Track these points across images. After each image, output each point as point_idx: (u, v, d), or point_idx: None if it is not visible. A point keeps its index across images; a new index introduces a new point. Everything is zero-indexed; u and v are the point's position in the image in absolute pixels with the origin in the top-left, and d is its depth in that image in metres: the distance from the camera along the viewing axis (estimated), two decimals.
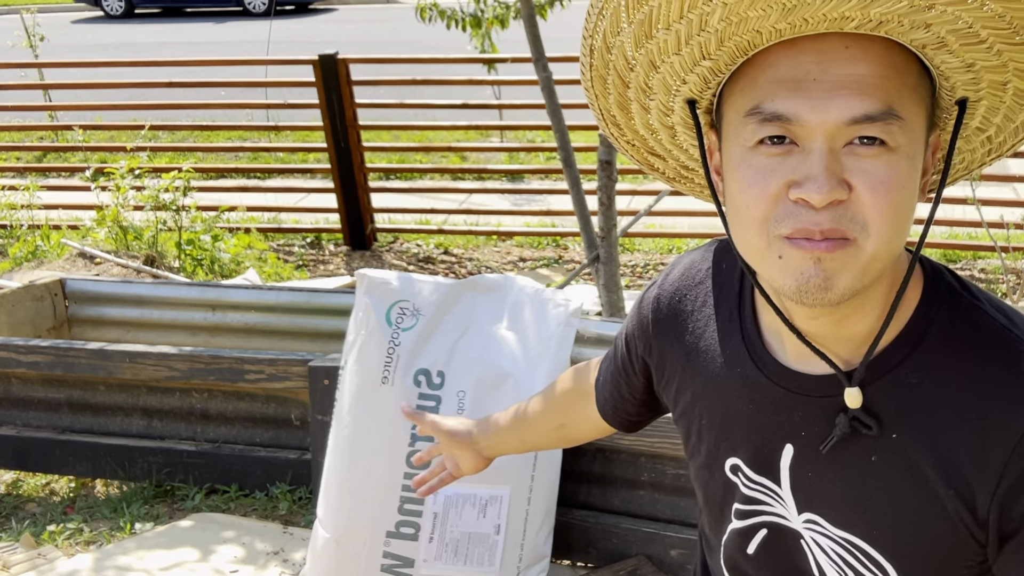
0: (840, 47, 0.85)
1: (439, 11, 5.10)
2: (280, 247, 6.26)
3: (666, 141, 1.05)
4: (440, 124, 6.66)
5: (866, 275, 0.88)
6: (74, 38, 16.72)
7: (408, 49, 12.60)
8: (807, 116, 0.85)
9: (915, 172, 0.88)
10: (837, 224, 0.85)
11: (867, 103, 0.84)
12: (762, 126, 0.87)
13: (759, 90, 0.88)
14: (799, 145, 0.86)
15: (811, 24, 0.84)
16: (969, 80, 0.90)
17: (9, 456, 3.32)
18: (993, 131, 0.97)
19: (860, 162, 0.85)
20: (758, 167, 0.88)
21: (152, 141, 7.53)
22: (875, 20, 0.83)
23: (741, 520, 1.12)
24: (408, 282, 2.53)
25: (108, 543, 2.93)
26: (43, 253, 5.77)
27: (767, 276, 0.92)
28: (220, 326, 3.89)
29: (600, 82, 0.98)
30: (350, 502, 2.42)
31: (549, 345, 2.51)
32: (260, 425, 3.19)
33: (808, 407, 1.00)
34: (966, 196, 4.87)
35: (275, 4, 18.37)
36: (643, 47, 0.91)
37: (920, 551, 0.97)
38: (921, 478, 0.94)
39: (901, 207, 0.87)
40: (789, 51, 0.86)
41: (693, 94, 0.96)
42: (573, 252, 6.06)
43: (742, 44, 0.88)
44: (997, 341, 0.93)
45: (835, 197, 0.84)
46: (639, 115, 1.02)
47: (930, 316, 0.95)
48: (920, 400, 0.94)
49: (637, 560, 2.59)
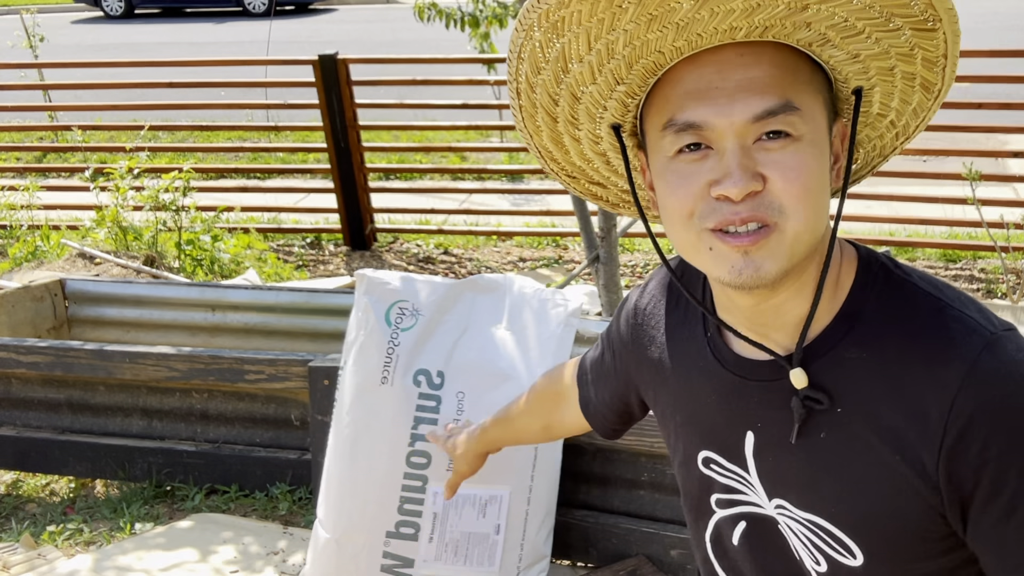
0: (735, 56, 0.94)
1: (438, 11, 5.10)
2: (280, 247, 6.26)
3: (602, 168, 1.13)
4: (440, 124, 6.66)
5: (793, 255, 0.96)
6: (74, 38, 16.72)
7: (408, 49, 12.60)
8: (715, 120, 0.93)
9: (822, 156, 0.97)
10: (756, 212, 0.93)
11: (765, 100, 0.93)
12: (678, 136, 0.96)
13: (671, 104, 0.96)
14: (714, 148, 0.95)
15: (705, 39, 0.93)
16: (859, 70, 0.97)
17: (9, 456, 3.32)
18: (894, 115, 1.04)
19: (770, 155, 0.93)
20: (680, 173, 0.97)
21: (152, 141, 7.54)
22: (761, 27, 0.92)
23: (724, 509, 1.15)
24: (407, 282, 2.53)
25: (108, 543, 2.93)
26: (43, 253, 5.77)
27: (704, 268, 1.00)
28: (220, 326, 3.89)
29: (531, 121, 1.07)
30: (350, 502, 2.42)
31: (549, 345, 2.51)
32: (260, 425, 3.19)
33: (763, 393, 1.06)
34: (966, 196, 4.87)
35: (275, 4, 18.37)
36: (563, 81, 1.00)
37: (879, 526, 1.00)
38: (869, 449, 0.98)
39: (813, 189, 0.95)
40: (692, 66, 0.95)
41: (616, 119, 1.05)
42: (573, 252, 6.06)
43: (649, 65, 0.97)
44: (925, 309, 0.98)
45: (751, 189, 0.93)
46: (572, 147, 1.10)
47: (865, 294, 1.01)
48: (861, 374, 0.99)
49: (637, 560, 2.59)
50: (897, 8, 0.90)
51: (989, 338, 0.95)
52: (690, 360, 1.15)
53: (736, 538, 1.15)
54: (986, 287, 5.18)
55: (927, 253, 5.70)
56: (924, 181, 5.91)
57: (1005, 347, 0.94)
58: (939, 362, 0.94)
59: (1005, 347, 0.94)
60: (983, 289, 5.15)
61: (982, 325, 0.96)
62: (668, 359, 1.19)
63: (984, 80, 5.48)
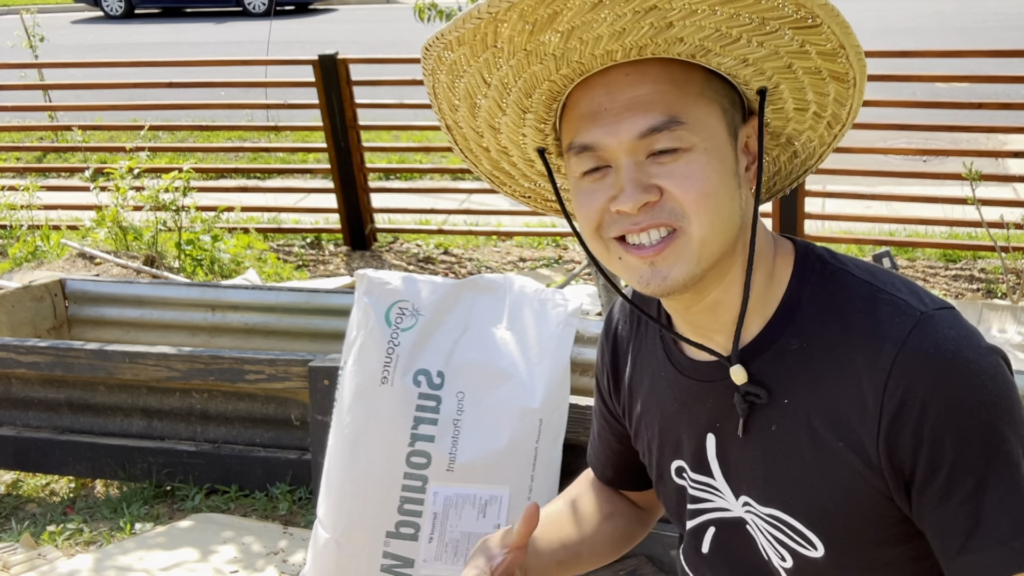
0: (622, 76, 0.96)
1: (438, 11, 5.10)
2: (280, 247, 6.26)
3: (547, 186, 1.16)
4: None
5: (701, 260, 0.97)
6: (74, 38, 16.71)
7: (408, 49, 12.57)
8: (605, 140, 0.96)
9: (719, 163, 0.97)
10: (655, 219, 0.96)
11: (649, 117, 0.94)
12: (579, 159, 0.99)
13: (570, 128, 1.00)
14: (612, 166, 0.97)
15: (586, 65, 0.95)
16: (753, 72, 0.98)
17: (9, 456, 3.32)
18: (815, 107, 1.03)
19: (663, 168, 0.96)
20: (586, 191, 1.00)
21: (152, 141, 7.53)
22: (635, 47, 0.93)
23: (692, 520, 1.16)
24: (408, 282, 2.53)
25: (108, 543, 2.93)
26: (43, 253, 5.77)
27: (620, 276, 1.03)
28: (220, 326, 3.89)
29: (470, 153, 1.10)
30: (350, 502, 2.42)
31: (549, 345, 2.51)
32: (260, 425, 3.19)
33: (715, 393, 1.07)
34: (966, 196, 4.87)
35: (275, 4, 18.36)
36: (478, 116, 1.04)
37: (832, 513, 1.00)
38: (816, 437, 0.99)
39: (711, 193, 0.96)
40: (586, 90, 0.98)
41: (538, 143, 1.07)
42: (573, 252, 6.06)
43: (546, 93, 1.00)
44: (861, 296, 0.99)
45: (644, 200, 0.95)
46: (514, 171, 1.13)
47: (801, 287, 1.03)
48: (803, 364, 1.00)
49: (637, 560, 2.59)
50: (767, 12, 0.90)
51: (919, 317, 0.95)
52: (654, 372, 1.16)
53: (706, 545, 1.15)
54: (986, 287, 5.18)
55: (927, 253, 5.69)
56: (924, 181, 5.91)
57: (936, 326, 0.94)
58: (872, 345, 0.95)
59: (936, 326, 0.94)
60: (983, 289, 5.15)
61: (912, 305, 0.96)
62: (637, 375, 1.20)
63: (984, 80, 5.47)
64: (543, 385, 2.46)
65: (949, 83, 5.62)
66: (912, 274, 5.37)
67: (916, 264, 5.57)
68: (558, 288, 3.72)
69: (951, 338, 0.93)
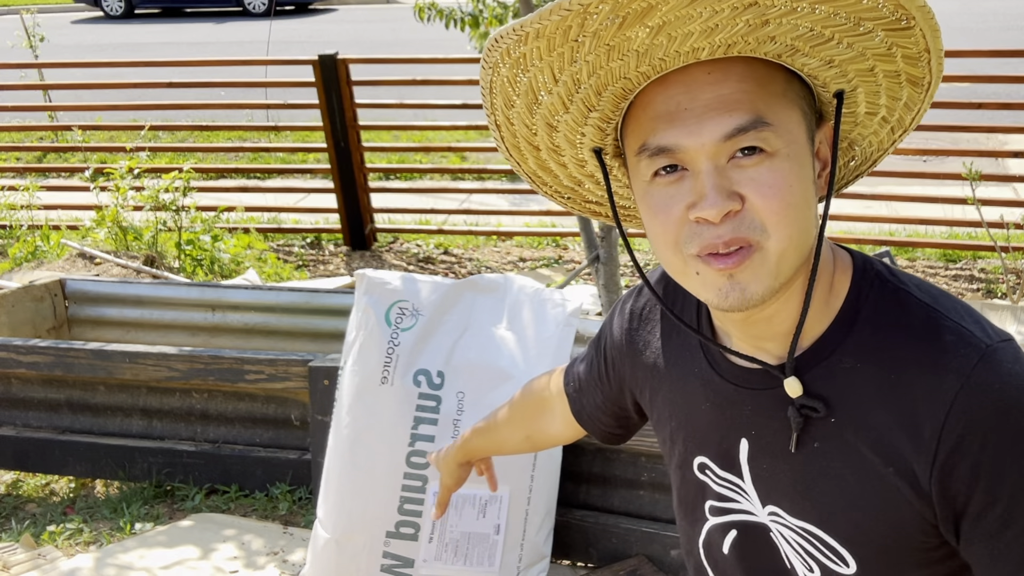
0: (703, 74, 0.92)
1: (438, 11, 5.10)
2: (280, 247, 6.26)
3: (594, 188, 1.13)
4: (440, 124, 6.66)
5: (780, 274, 0.94)
6: (74, 38, 16.72)
7: (408, 49, 12.60)
8: (686, 142, 0.92)
9: (800, 170, 0.94)
10: (737, 233, 0.92)
11: (735, 117, 0.91)
12: (652, 160, 0.94)
13: (642, 128, 0.95)
14: (689, 169, 0.93)
15: (669, 62, 0.91)
16: (836, 74, 0.95)
17: (9, 456, 3.32)
18: (884, 111, 1.01)
19: (745, 172, 0.92)
20: (658, 197, 0.96)
21: (152, 141, 7.53)
22: (723, 45, 0.90)
23: (717, 517, 1.15)
24: (407, 282, 2.53)
25: (108, 543, 2.93)
26: (43, 253, 5.77)
27: (693, 291, 0.99)
28: (220, 326, 3.89)
29: (516, 151, 1.06)
30: (350, 502, 2.42)
31: (549, 345, 2.51)
32: (260, 425, 3.19)
33: (756, 401, 1.05)
34: (966, 196, 4.87)
35: (275, 4, 18.36)
36: (536, 113, 1.00)
37: (870, 534, 0.99)
38: (862, 460, 0.97)
39: (793, 203, 0.93)
40: (662, 88, 0.94)
41: (596, 143, 1.03)
42: (573, 252, 6.05)
43: (618, 91, 0.95)
44: (922, 320, 0.97)
45: (728, 209, 0.91)
46: (560, 171, 1.10)
47: (860, 303, 1.00)
48: (855, 383, 0.98)
49: (637, 560, 2.59)
50: (865, 12, 0.88)
51: (984, 350, 0.93)
52: (685, 366, 1.14)
53: (726, 546, 1.14)
54: (986, 287, 5.18)
55: (927, 253, 5.69)
56: (924, 181, 5.91)
57: (1000, 359, 0.93)
58: (934, 374, 0.93)
59: (1000, 359, 0.93)
60: (983, 289, 5.15)
61: (978, 337, 0.94)
62: (663, 364, 1.18)
63: (984, 80, 5.47)
64: None
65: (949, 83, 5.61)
66: (912, 274, 5.37)
67: (916, 264, 5.57)
68: (558, 288, 3.72)
69: (1015, 374, 0.92)
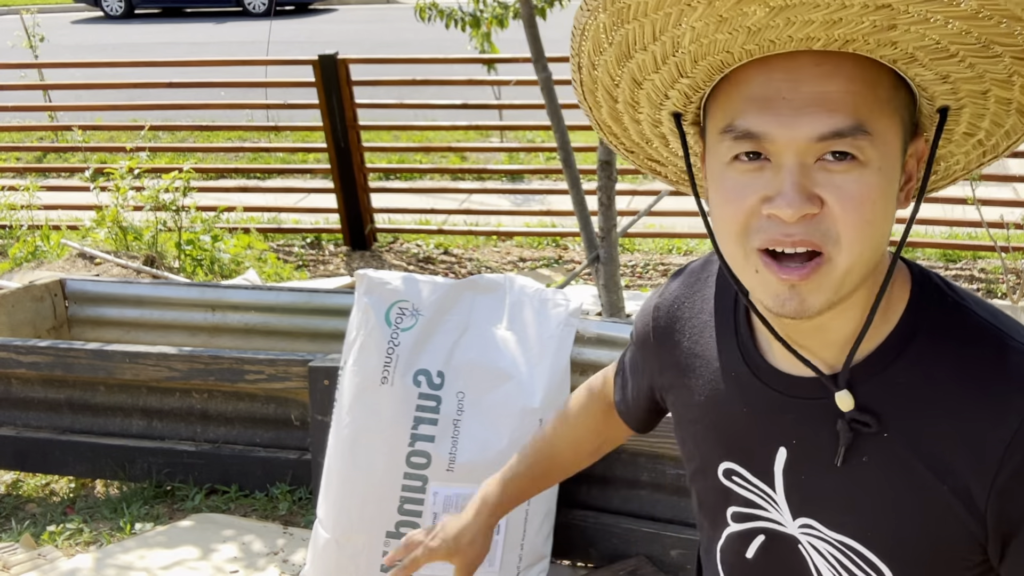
0: (811, 64, 0.86)
1: (438, 11, 5.09)
2: (280, 247, 6.26)
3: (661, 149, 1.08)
4: (440, 124, 6.66)
5: (842, 289, 0.90)
6: (74, 38, 16.71)
7: (408, 49, 12.60)
8: (776, 133, 0.86)
9: (888, 185, 0.90)
10: (809, 236, 0.87)
11: (835, 119, 0.85)
12: (736, 143, 0.89)
13: (733, 107, 0.90)
14: (772, 160, 0.88)
15: (778, 45, 0.86)
16: (947, 90, 0.90)
17: (9, 456, 3.32)
18: (983, 135, 0.97)
19: (832, 177, 0.87)
20: (734, 183, 0.90)
21: (152, 141, 7.53)
22: (841, 40, 0.84)
23: (739, 523, 1.12)
24: (408, 282, 2.53)
25: (108, 543, 2.93)
26: (43, 253, 5.77)
27: (748, 286, 0.95)
28: (220, 326, 3.89)
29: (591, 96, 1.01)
30: (350, 502, 2.42)
31: (549, 345, 2.51)
32: (260, 425, 3.19)
33: (800, 410, 1.01)
34: (966, 196, 4.87)
35: (275, 4, 18.36)
36: (624, 66, 0.94)
37: (914, 550, 0.97)
38: (913, 476, 0.95)
39: (873, 221, 0.89)
40: (762, 69, 0.88)
41: (677, 108, 0.98)
42: (573, 252, 6.05)
43: (716, 63, 0.90)
44: (984, 339, 0.94)
45: (805, 212, 0.86)
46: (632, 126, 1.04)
47: (918, 317, 0.96)
48: (910, 399, 0.95)
49: (637, 560, 2.59)
50: (999, 37, 0.83)
51: None
52: (720, 368, 1.10)
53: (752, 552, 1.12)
54: (986, 287, 5.18)
55: (927, 253, 5.69)
56: None
57: None
58: (999, 397, 0.91)
59: None
60: (983, 289, 5.15)
61: None
62: (693, 363, 1.14)
63: None
64: (543, 385, 2.46)
65: None
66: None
67: None
68: (558, 288, 3.72)
69: None
